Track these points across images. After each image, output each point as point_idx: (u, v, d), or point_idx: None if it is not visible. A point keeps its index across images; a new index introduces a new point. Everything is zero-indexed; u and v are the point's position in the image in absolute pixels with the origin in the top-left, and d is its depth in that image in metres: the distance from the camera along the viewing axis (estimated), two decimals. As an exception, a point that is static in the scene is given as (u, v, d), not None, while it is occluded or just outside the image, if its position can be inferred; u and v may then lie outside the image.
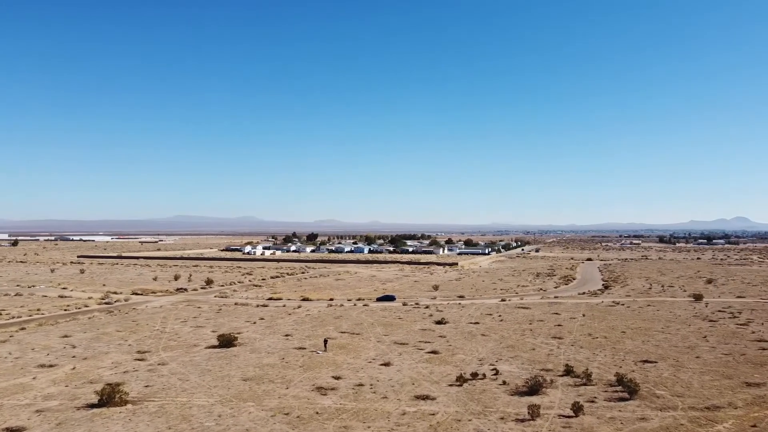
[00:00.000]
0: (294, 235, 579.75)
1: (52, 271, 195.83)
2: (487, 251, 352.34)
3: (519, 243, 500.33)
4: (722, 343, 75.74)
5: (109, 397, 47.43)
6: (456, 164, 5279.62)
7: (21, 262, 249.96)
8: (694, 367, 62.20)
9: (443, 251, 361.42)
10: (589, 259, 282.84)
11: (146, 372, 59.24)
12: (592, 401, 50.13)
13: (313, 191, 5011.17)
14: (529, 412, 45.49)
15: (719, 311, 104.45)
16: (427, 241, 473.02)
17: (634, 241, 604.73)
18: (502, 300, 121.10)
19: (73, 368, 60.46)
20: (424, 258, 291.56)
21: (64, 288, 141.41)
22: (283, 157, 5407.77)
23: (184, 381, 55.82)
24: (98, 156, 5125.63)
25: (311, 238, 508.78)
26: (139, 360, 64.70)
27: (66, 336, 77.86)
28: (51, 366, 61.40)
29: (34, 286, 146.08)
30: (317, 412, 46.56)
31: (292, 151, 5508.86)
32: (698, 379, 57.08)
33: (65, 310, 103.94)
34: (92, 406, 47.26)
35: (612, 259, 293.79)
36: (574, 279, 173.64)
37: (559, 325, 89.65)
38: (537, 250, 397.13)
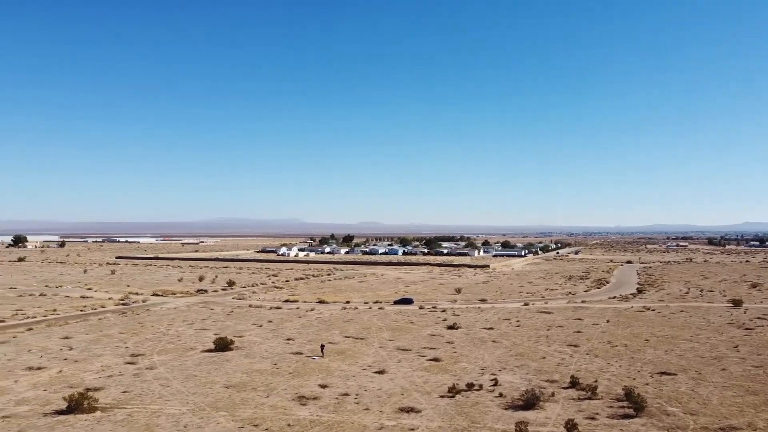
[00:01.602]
0: (332, 236, 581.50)
1: (85, 271, 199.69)
2: (523, 253, 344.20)
3: (559, 245, 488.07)
4: (754, 354, 69.45)
5: (78, 403, 45.60)
6: (500, 165, 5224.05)
7: (61, 263, 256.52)
8: (717, 381, 56.65)
9: (478, 253, 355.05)
10: (629, 262, 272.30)
11: (130, 377, 57.50)
12: (593, 418, 45.66)
13: (356, 193, 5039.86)
14: (516, 430, 41.45)
15: (758, 318, 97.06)
16: (463, 243, 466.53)
17: (681, 243, 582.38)
18: (525, 304, 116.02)
19: (60, 371, 59.29)
20: (456, 260, 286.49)
21: (89, 288, 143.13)
22: (328, 159, 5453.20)
23: (165, 387, 53.76)
24: (151, 160, 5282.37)
25: (347, 239, 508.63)
26: (129, 363, 63.18)
27: (67, 337, 77.30)
28: (39, 368, 60.41)
29: (61, 286, 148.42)
30: (289, 425, 43.64)
31: (336, 153, 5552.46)
32: (719, 395, 51.71)
33: (81, 310, 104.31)
34: (60, 412, 45.54)
35: (654, 261, 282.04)
36: (607, 282, 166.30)
37: (578, 332, 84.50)
38: (576, 252, 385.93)
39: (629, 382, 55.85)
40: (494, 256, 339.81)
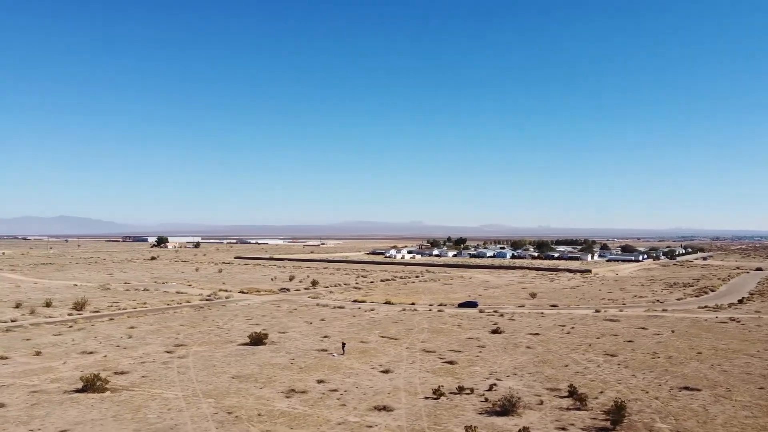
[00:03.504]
0: (448, 239, 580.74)
1: (197, 270, 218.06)
2: (640, 258, 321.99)
3: (689, 249, 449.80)
4: (818, 373, 61.33)
5: (91, 384, 51.74)
6: (638, 166, 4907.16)
7: (184, 262, 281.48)
8: (742, 400, 51.19)
9: (592, 257, 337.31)
10: (759, 269, 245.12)
11: (159, 364, 63.55)
12: (565, 429, 43.72)
13: (481, 196, 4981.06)
14: (465, 434, 41.00)
15: None
16: (579, 247, 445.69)
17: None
18: (597, 311, 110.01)
19: (105, 356, 66.91)
20: (563, 264, 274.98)
21: (189, 285, 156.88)
22: (452, 161, 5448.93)
23: (181, 374, 58.94)
24: (290, 168, 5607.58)
25: (459, 242, 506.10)
26: (167, 352, 69.64)
27: (132, 327, 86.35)
28: (91, 353, 68.59)
29: (166, 282, 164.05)
30: (259, 414, 46.43)
31: (460, 155, 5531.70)
32: (730, 414, 46.90)
33: (167, 304, 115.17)
34: (77, 391, 51.92)
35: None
36: (713, 290, 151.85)
37: (630, 341, 79.29)
38: (705, 258, 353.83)
39: (641, 395, 52.44)
40: (608, 260, 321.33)
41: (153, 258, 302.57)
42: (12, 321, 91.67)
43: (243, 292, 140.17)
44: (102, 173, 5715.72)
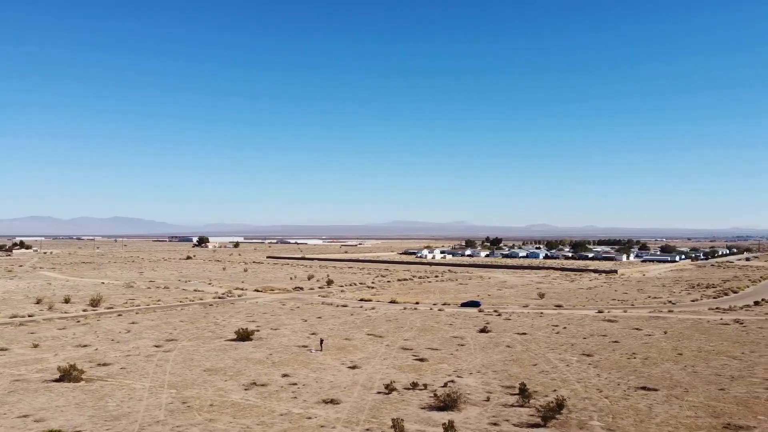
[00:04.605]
0: (487, 239, 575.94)
1: (224, 269, 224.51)
2: (677, 258, 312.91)
3: (734, 250, 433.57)
4: (791, 376, 59.98)
5: (67, 374, 55.54)
6: (688, 164, 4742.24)
7: (217, 261, 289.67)
8: (693, 401, 50.86)
9: (627, 258, 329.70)
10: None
11: (142, 357, 67.17)
12: (496, 424, 44.76)
13: (528, 196, 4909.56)
14: (392, 426, 42.54)
15: None
16: (617, 247, 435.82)
17: None
18: (600, 311, 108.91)
19: (96, 349, 71.07)
20: (593, 264, 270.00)
21: (209, 284, 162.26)
22: (498, 161, 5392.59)
23: (158, 367, 62.30)
24: (344, 165, 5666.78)
25: (495, 242, 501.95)
26: (156, 346, 73.36)
27: (133, 323, 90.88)
28: (84, 346, 72.96)
29: (189, 281, 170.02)
30: (211, 404, 49.07)
31: (507, 155, 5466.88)
32: (672, 415, 46.83)
33: (180, 302, 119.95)
34: (55, 380, 55.79)
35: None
36: (735, 292, 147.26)
37: (615, 342, 78.77)
38: (748, 259, 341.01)
39: (593, 394, 52.80)
40: (643, 261, 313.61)
41: (188, 257, 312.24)
42: (29, 316, 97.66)
43: (257, 291, 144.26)
44: (156, 175, 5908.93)
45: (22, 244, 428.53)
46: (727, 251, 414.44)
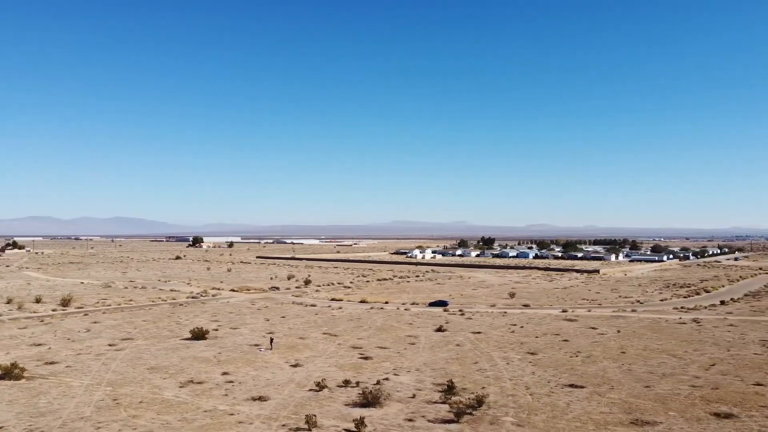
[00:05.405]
0: (482, 239, 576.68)
1: (208, 269, 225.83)
2: (664, 258, 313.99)
3: (724, 250, 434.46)
4: (721, 375, 61.17)
5: (8, 372, 56.79)
6: (689, 164, 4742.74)
7: (206, 261, 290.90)
8: (614, 397, 52.07)
9: (617, 257, 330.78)
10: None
11: (92, 356, 68.39)
12: (411, 420, 45.97)
13: (528, 196, 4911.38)
14: (306, 421, 43.77)
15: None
16: (607, 247, 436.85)
17: None
18: (564, 311, 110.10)
19: (49, 348, 72.30)
20: (580, 264, 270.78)
21: (188, 284, 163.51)
22: (498, 161, 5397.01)
23: (103, 366, 63.54)
24: (344, 165, 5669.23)
25: (487, 242, 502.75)
26: (110, 345, 74.63)
27: (96, 322, 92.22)
28: (38, 345, 74.24)
29: (168, 281, 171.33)
30: (141, 402, 50.28)
31: (507, 155, 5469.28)
32: (587, 410, 48.00)
33: (152, 302, 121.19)
34: (-3, 378, 57.01)
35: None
36: (708, 291, 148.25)
37: (565, 341, 79.98)
38: (736, 259, 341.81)
39: (520, 391, 54.00)
40: (631, 260, 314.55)
41: (178, 257, 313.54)
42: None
43: (233, 291, 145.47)
44: (157, 175, 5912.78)
45: (14, 244, 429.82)
46: (718, 251, 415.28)
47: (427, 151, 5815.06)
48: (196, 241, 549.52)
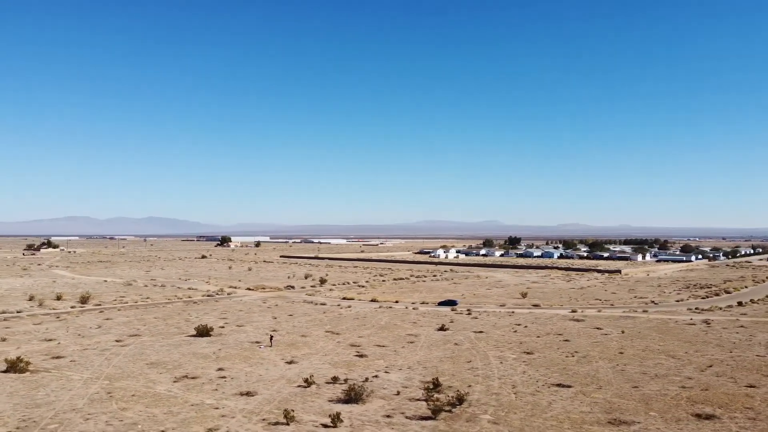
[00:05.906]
0: (510, 239, 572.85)
1: (230, 268, 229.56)
2: (692, 258, 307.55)
3: (758, 249, 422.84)
4: (714, 376, 60.39)
5: (14, 366, 59.38)
6: (727, 162, 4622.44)
7: (230, 260, 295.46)
8: (599, 397, 51.96)
9: (643, 258, 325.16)
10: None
11: (98, 351, 70.80)
12: (390, 416, 46.75)
13: (561, 195, 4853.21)
14: (284, 416, 44.91)
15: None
16: (634, 246, 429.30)
17: None
18: (573, 311, 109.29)
19: (59, 343, 75.05)
20: (604, 264, 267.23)
21: (207, 282, 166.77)
22: (530, 161, 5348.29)
23: (106, 360, 65.81)
24: (378, 165, 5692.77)
25: (513, 242, 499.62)
26: (117, 341, 77.07)
27: (108, 319, 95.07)
28: (49, 340, 77.05)
29: (189, 279, 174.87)
30: (133, 395, 52.12)
31: (536, 154, 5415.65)
32: (567, 410, 48.07)
33: (168, 299, 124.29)
34: (2, 372, 59.61)
35: None
36: (728, 292, 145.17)
37: (566, 341, 79.65)
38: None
39: (506, 390, 54.31)
40: (658, 260, 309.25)
41: (203, 257, 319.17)
42: (17, 312, 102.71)
43: (249, 289, 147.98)
44: (191, 176, 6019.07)
45: (49, 243, 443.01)
46: (751, 251, 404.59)
47: (460, 151, 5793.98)
48: (224, 241, 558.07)
